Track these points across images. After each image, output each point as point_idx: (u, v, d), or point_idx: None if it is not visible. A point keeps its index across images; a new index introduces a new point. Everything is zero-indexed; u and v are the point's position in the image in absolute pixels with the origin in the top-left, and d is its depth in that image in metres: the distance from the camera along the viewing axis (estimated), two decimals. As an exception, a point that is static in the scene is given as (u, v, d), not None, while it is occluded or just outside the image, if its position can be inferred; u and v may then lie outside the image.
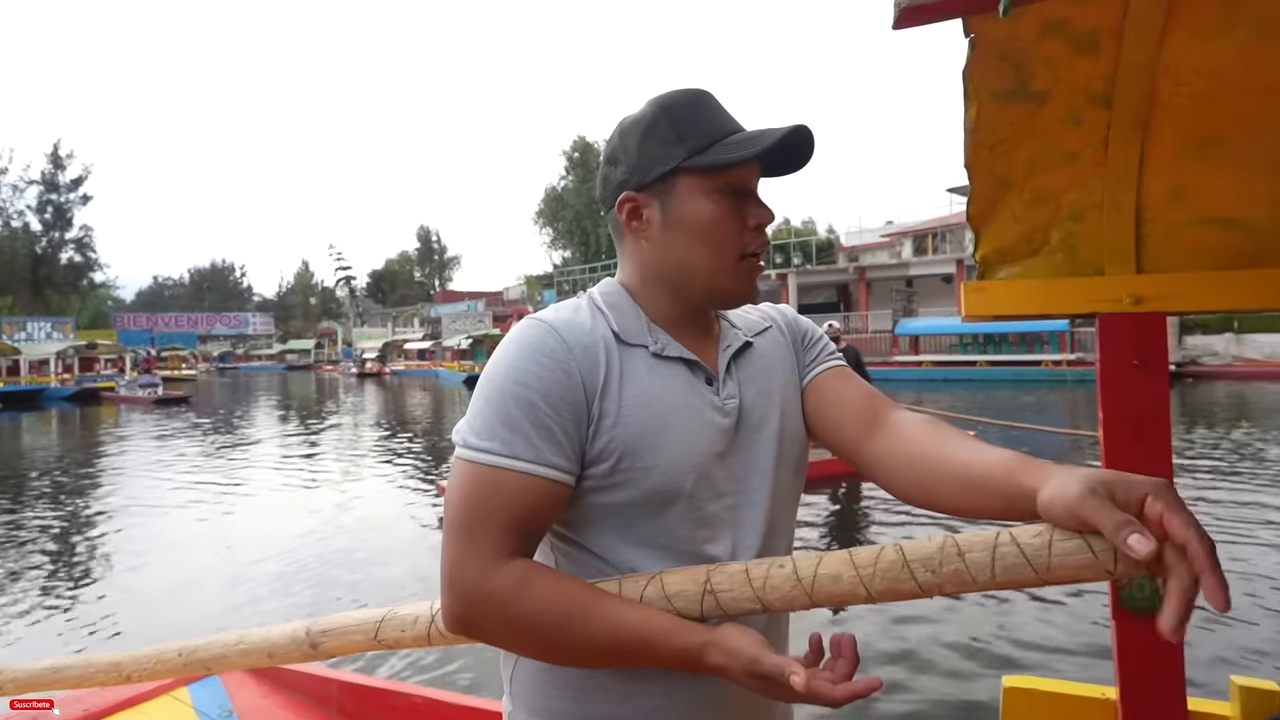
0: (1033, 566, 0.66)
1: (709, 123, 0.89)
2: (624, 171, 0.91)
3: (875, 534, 6.49)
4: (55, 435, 17.85)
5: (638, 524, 0.86)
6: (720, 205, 0.89)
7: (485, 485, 0.81)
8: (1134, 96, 1.14)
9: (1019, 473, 0.72)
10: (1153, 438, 1.29)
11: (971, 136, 1.20)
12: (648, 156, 0.89)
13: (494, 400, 0.83)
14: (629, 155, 0.91)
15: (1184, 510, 0.60)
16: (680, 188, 0.89)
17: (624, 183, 0.91)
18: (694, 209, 0.89)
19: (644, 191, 0.90)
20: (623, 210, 0.91)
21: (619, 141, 0.92)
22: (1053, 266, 1.35)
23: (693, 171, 0.88)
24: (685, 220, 0.89)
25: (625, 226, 0.92)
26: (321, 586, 5.65)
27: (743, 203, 0.90)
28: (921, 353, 27.61)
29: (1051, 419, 15.00)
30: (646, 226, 0.91)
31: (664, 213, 0.90)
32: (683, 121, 0.89)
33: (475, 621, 0.80)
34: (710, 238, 0.89)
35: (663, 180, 0.89)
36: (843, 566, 0.74)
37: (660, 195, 0.89)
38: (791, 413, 0.98)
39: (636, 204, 0.90)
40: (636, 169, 0.90)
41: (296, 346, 74.39)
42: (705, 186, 0.88)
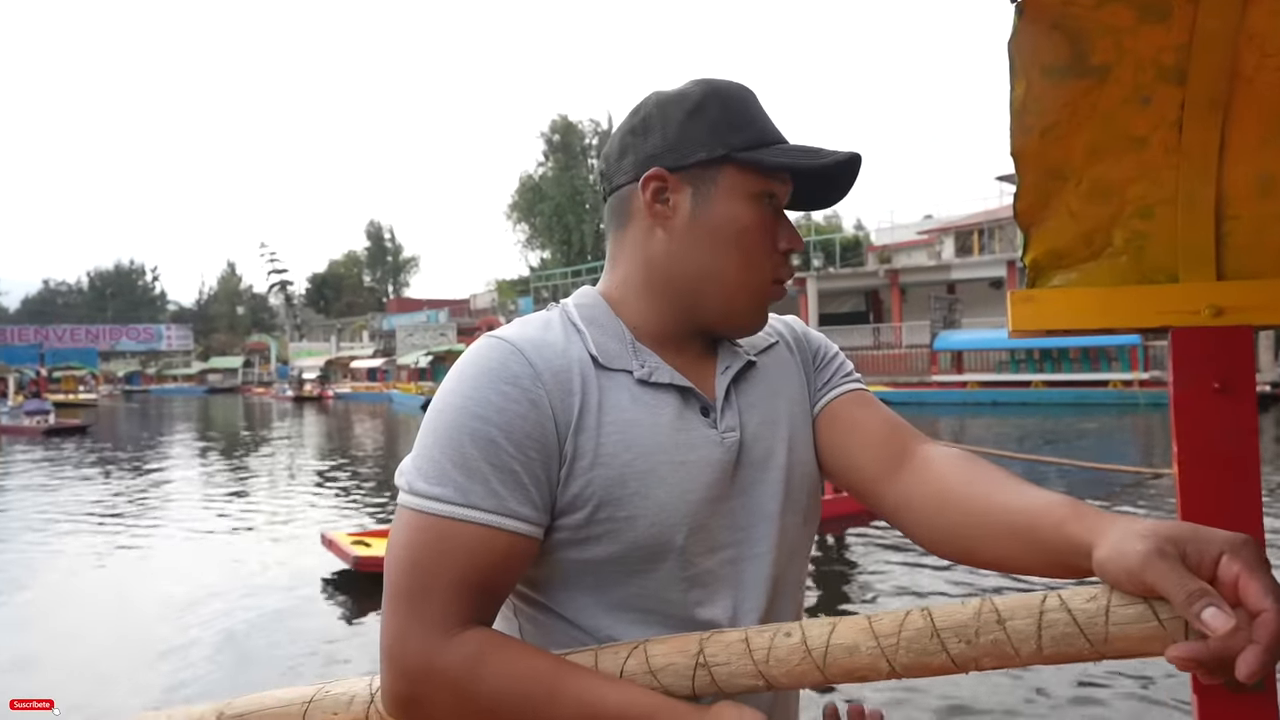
0: (1087, 637, 0.66)
1: (761, 122, 0.92)
2: (658, 144, 0.91)
3: (882, 582, 6.48)
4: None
5: (618, 584, 0.86)
6: (760, 213, 0.91)
7: (434, 540, 0.79)
8: (1212, 70, 1.15)
9: (1070, 522, 0.72)
10: (1238, 475, 1.29)
11: (1019, 119, 1.20)
12: (691, 136, 0.90)
13: (446, 437, 0.82)
14: (668, 128, 0.91)
15: (1266, 573, 0.60)
16: (723, 180, 0.90)
17: (654, 157, 0.91)
18: (732, 210, 0.90)
19: (678, 173, 0.90)
20: (647, 188, 0.91)
21: (655, 111, 0.93)
22: (1116, 272, 1.35)
23: (742, 166, 0.90)
24: (719, 220, 0.90)
25: (646, 208, 0.92)
26: (239, 656, 5.60)
27: (777, 220, 0.93)
28: (965, 371, 27.76)
29: (1120, 451, 15.06)
30: (671, 214, 0.91)
31: (696, 203, 0.90)
32: (737, 111, 0.91)
33: (421, 704, 0.79)
34: (742, 248, 0.90)
35: (704, 167, 0.90)
36: (860, 635, 0.73)
37: (696, 183, 0.90)
38: (801, 446, 0.98)
39: (665, 185, 0.91)
40: (676, 146, 0.90)
41: (220, 365, 74.20)
42: (750, 188, 0.90)
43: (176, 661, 5.49)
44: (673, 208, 0.91)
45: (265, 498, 12.32)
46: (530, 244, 59.20)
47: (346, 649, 5.72)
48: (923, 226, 39.93)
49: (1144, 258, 1.34)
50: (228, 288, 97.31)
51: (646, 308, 0.93)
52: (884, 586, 6.64)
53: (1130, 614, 0.64)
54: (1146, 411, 20.19)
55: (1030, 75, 1.16)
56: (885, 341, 31.62)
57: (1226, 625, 0.58)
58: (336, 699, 0.94)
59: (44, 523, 10.55)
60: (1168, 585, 0.61)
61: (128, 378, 73.20)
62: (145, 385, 72.41)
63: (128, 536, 9.57)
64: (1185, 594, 0.60)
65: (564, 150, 56.71)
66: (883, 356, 30.41)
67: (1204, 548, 0.62)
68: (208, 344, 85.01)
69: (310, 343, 70.03)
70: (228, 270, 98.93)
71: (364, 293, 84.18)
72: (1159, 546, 0.62)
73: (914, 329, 30.43)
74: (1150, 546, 0.62)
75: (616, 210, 0.95)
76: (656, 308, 0.93)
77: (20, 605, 7.02)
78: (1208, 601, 0.59)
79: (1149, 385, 22.55)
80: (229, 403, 49.33)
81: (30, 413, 27.83)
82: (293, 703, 0.95)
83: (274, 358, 68.54)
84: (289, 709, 0.95)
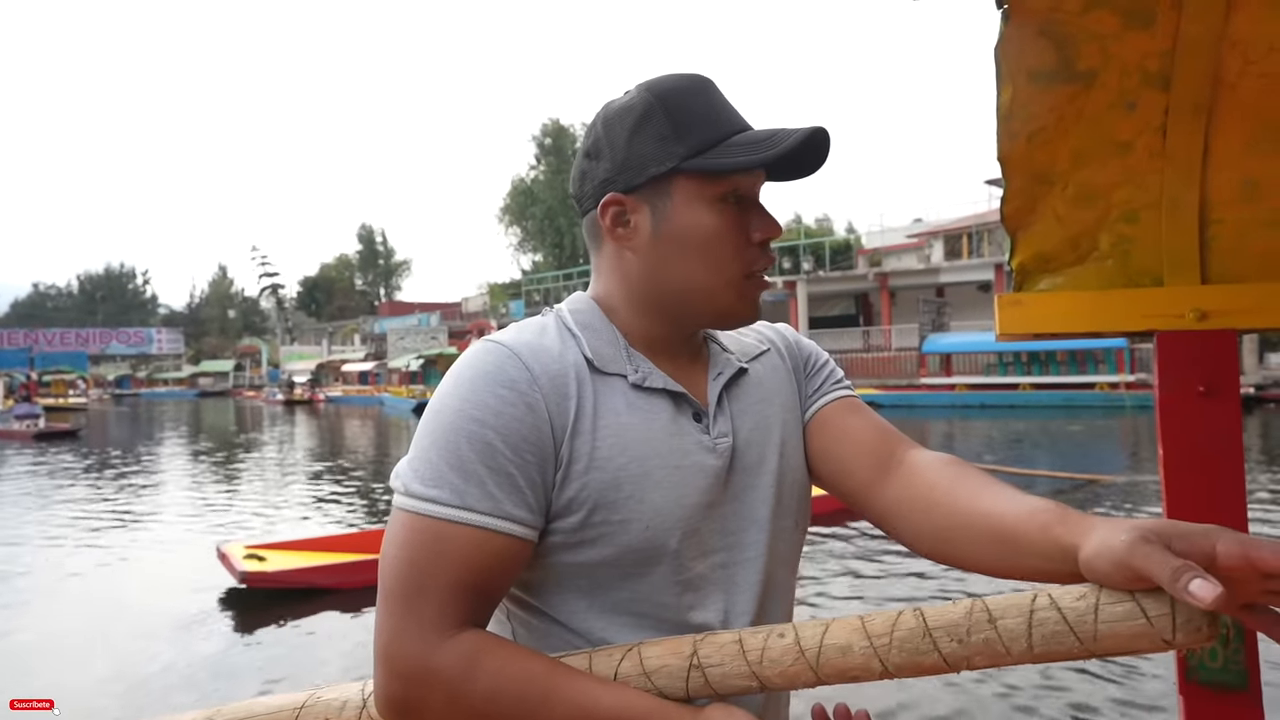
0: (1076, 635, 0.66)
1: (713, 118, 0.89)
2: (609, 169, 0.90)
3: (873, 580, 6.48)
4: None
5: (612, 588, 0.86)
6: (723, 216, 0.89)
7: (429, 542, 0.79)
8: (1196, 76, 1.16)
9: (1055, 526, 0.73)
10: (1222, 477, 1.30)
11: (1006, 125, 1.21)
12: (639, 153, 0.88)
13: (442, 439, 0.82)
14: (615, 150, 0.90)
15: (1267, 541, 0.62)
16: (677, 193, 0.88)
17: (608, 182, 0.90)
18: (692, 219, 0.88)
19: (633, 194, 0.89)
20: (606, 214, 0.90)
21: (603, 132, 0.91)
22: (1102, 276, 1.36)
23: (694, 175, 0.88)
24: (681, 231, 0.89)
25: (608, 234, 0.91)
26: (229, 664, 5.55)
27: (747, 213, 0.90)
28: (954, 374, 27.84)
29: (1107, 451, 15.14)
30: (633, 235, 0.90)
31: (655, 220, 0.89)
32: (683, 114, 0.88)
33: (414, 706, 0.78)
34: (710, 253, 0.89)
35: (656, 182, 0.88)
36: (853, 635, 0.74)
37: (652, 200, 0.89)
38: (793, 452, 0.98)
39: (623, 208, 0.90)
40: (625, 167, 0.89)
41: (211, 369, 73.92)
42: (707, 193, 0.88)
43: (171, 666, 5.45)
44: (634, 229, 0.90)
45: (255, 503, 12.24)
46: (522, 247, 59.29)
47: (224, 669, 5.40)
48: (912, 230, 40.00)
49: (1129, 262, 1.35)
50: (219, 291, 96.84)
51: (636, 317, 0.93)
52: (876, 588, 6.65)
53: (1119, 611, 0.65)
54: (1133, 414, 20.28)
55: (1017, 81, 1.16)
56: (875, 344, 31.69)
57: (1213, 593, 0.59)
58: (328, 704, 0.93)
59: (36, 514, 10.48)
60: (1152, 566, 0.62)
61: (118, 381, 72.82)
62: (136, 389, 72.05)
63: (117, 542, 9.49)
64: (1170, 570, 0.61)
65: (556, 154, 56.71)
66: (872, 359, 30.48)
67: (1191, 540, 0.64)
68: (199, 347, 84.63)
69: (301, 346, 69.82)
70: (219, 273, 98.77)
71: (355, 296, 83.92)
72: (1143, 535, 0.64)
73: (903, 332, 30.52)
74: (1135, 536, 0.64)
75: (589, 231, 0.95)
76: (643, 317, 0.93)
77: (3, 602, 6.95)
78: (1193, 574, 0.60)
79: (1135, 388, 22.66)
80: (220, 406, 49.08)
81: (20, 416, 27.63)
82: (283, 709, 0.95)
83: (265, 361, 68.25)
84: (279, 715, 0.94)
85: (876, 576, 6.92)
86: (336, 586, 6.72)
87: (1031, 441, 17.02)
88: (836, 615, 0.78)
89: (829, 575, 6.98)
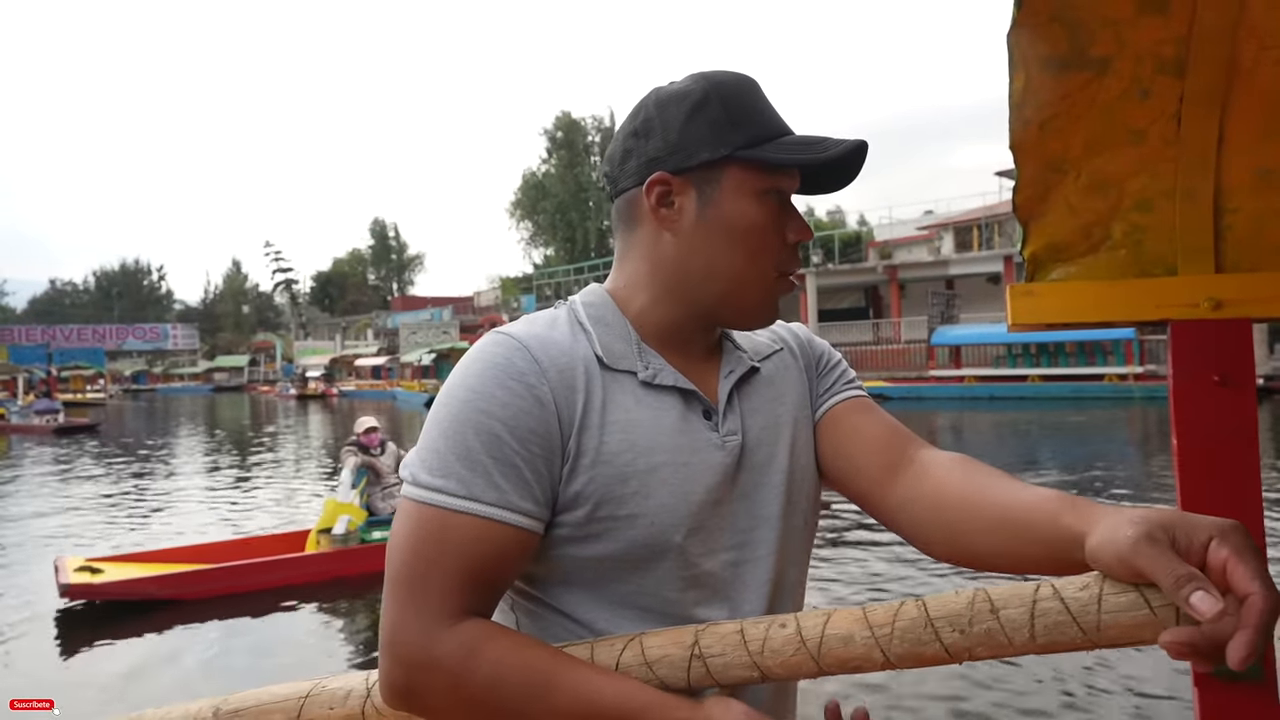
0: (1079, 625, 0.65)
1: (765, 115, 0.90)
2: (659, 148, 0.90)
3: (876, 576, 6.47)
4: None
5: (617, 582, 0.86)
6: (767, 210, 0.90)
7: (435, 531, 0.80)
8: (1211, 63, 1.14)
9: (1064, 514, 0.72)
10: (1237, 467, 1.28)
11: (1018, 112, 1.19)
12: (693, 136, 0.89)
13: (450, 430, 0.82)
14: (669, 130, 0.90)
15: (1254, 557, 0.59)
16: (727, 180, 0.89)
17: (657, 160, 0.90)
18: (739, 208, 0.89)
19: (681, 176, 0.90)
20: (651, 192, 0.90)
21: (655, 112, 0.92)
22: (1115, 265, 1.34)
23: (745, 165, 0.89)
24: (726, 219, 0.89)
25: (651, 212, 0.91)
26: (237, 653, 5.59)
27: (785, 213, 0.91)
28: (963, 366, 27.72)
29: (1116, 443, 15.07)
30: (677, 217, 0.91)
31: (701, 205, 0.90)
32: (738, 107, 0.89)
33: (418, 693, 0.79)
34: (751, 244, 0.89)
35: (708, 167, 0.89)
36: (855, 626, 0.73)
37: (701, 184, 0.90)
38: (803, 452, 0.98)
39: (669, 188, 0.90)
40: (678, 148, 0.89)
41: (226, 364, 74.26)
42: (756, 185, 0.89)
43: (181, 654, 5.48)
44: (678, 210, 0.90)
45: (270, 498, 12.31)
46: (534, 241, 59.21)
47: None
48: (923, 222, 39.81)
49: (1143, 251, 1.33)
50: (233, 286, 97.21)
51: (653, 306, 0.93)
52: (877, 580, 6.64)
53: (1122, 602, 0.64)
54: (1142, 405, 20.20)
55: (1029, 68, 1.14)
56: (884, 337, 31.61)
57: (1214, 609, 0.57)
58: (333, 694, 0.93)
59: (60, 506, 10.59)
60: (1156, 570, 0.61)
61: (134, 376, 73.27)
62: (152, 384, 72.49)
63: (139, 534, 9.56)
64: (1173, 578, 0.59)
65: (567, 147, 56.60)
66: (881, 352, 30.40)
67: (1192, 533, 0.62)
68: (213, 343, 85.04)
69: (315, 341, 70.09)
70: (233, 269, 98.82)
71: (368, 291, 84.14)
72: (1149, 532, 0.62)
73: (912, 324, 30.41)
74: (1140, 532, 0.62)
75: (623, 213, 0.95)
76: (664, 306, 0.93)
77: (31, 593, 6.99)
78: (1195, 586, 0.59)
79: (1144, 379, 22.55)
80: (235, 401, 49.35)
81: (40, 412, 27.91)
82: (289, 698, 0.95)
83: (280, 356, 68.59)
84: (285, 704, 0.95)
85: (874, 566, 6.91)
86: (175, 598, 6.35)
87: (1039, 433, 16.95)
88: (838, 606, 0.77)
89: (831, 565, 6.97)
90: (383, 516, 7.62)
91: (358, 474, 7.64)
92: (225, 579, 6.64)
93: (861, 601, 0.77)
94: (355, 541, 7.25)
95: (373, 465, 7.79)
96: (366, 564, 7.02)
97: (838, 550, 7.44)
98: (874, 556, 7.19)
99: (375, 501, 7.74)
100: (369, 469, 7.76)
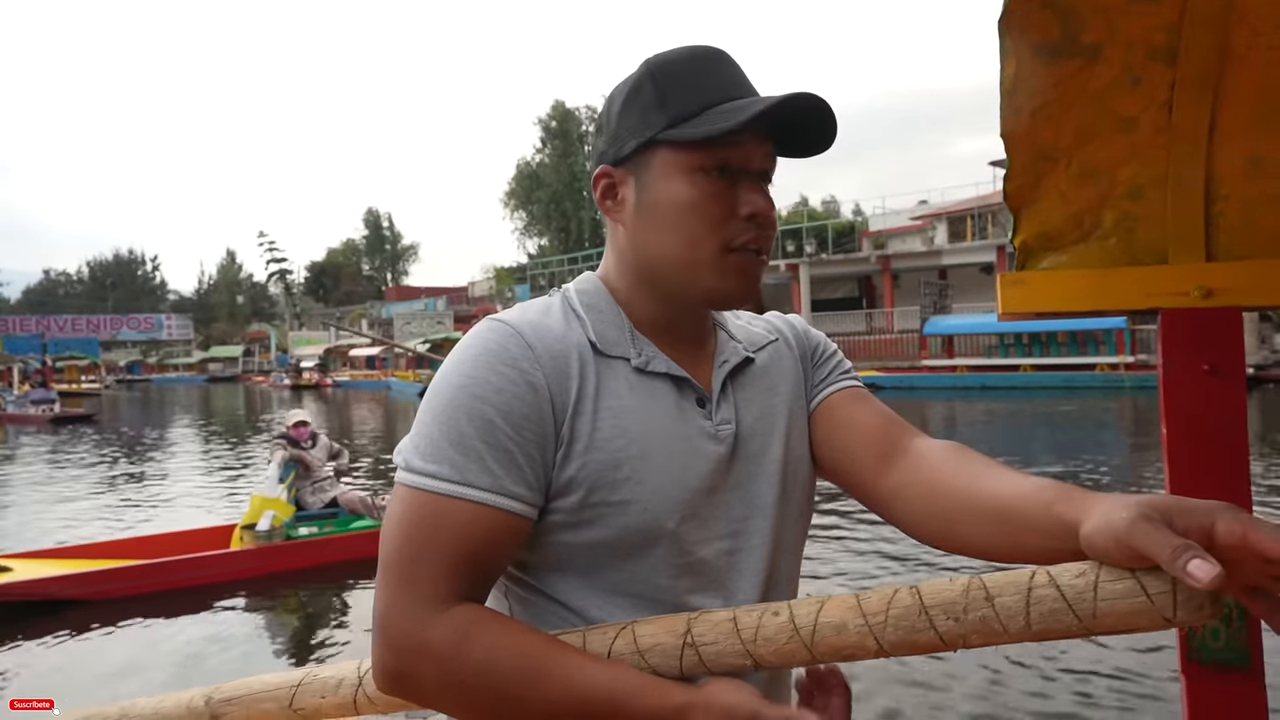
0: (1075, 613, 0.65)
1: (700, 86, 0.86)
2: (605, 141, 0.92)
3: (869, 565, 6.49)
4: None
5: (610, 569, 0.85)
6: (699, 188, 0.86)
7: (428, 517, 0.79)
8: (1202, 50, 1.13)
9: (1059, 503, 0.72)
10: (1226, 456, 1.28)
11: (1009, 100, 1.18)
12: (625, 125, 0.89)
13: (443, 416, 0.82)
14: (609, 123, 0.91)
15: (1268, 524, 0.60)
16: (657, 164, 0.87)
17: (602, 154, 0.92)
18: (668, 190, 0.87)
19: (621, 166, 0.89)
20: (597, 187, 0.91)
21: (605, 107, 0.93)
22: (1106, 254, 1.34)
23: (670, 145, 0.86)
24: (658, 203, 0.88)
25: (600, 207, 0.93)
26: (230, 640, 5.59)
27: (735, 187, 0.87)
28: (955, 355, 27.76)
29: (1106, 432, 15.12)
30: (621, 208, 0.91)
31: (638, 192, 0.89)
32: (670, 85, 0.87)
33: (409, 678, 0.78)
34: (682, 226, 0.87)
35: (639, 154, 0.88)
36: (848, 614, 0.73)
37: (637, 172, 0.89)
38: (798, 442, 0.97)
39: (613, 180, 0.91)
40: (614, 139, 0.90)
41: (221, 354, 74.06)
42: (683, 164, 0.86)
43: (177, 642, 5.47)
44: (621, 201, 0.91)
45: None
46: (528, 231, 59.11)
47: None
48: (917, 212, 39.75)
49: (1134, 239, 1.33)
50: (227, 277, 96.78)
51: (634, 296, 0.93)
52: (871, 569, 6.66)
53: (1118, 589, 0.64)
54: (1133, 394, 20.26)
55: (1021, 55, 1.14)
56: (878, 327, 31.62)
57: (1212, 573, 0.57)
58: (324, 682, 0.93)
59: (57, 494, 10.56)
60: (1152, 544, 0.61)
61: (129, 367, 72.99)
62: (146, 375, 72.23)
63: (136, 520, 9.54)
64: (1170, 549, 0.60)
65: (561, 137, 56.45)
66: (874, 341, 30.43)
67: (1192, 517, 0.62)
68: (208, 333, 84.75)
69: (309, 331, 69.87)
70: (227, 259, 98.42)
71: (363, 281, 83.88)
72: (1144, 513, 0.62)
73: (905, 314, 30.42)
74: (1136, 513, 0.62)
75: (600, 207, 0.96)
76: (640, 295, 0.93)
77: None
78: (1192, 554, 0.59)
79: (1135, 368, 22.62)
80: (229, 391, 49.22)
81: (36, 402, 27.86)
82: (280, 686, 0.95)
83: (274, 346, 68.37)
84: (277, 692, 0.95)
85: (870, 553, 6.93)
86: (86, 598, 6.10)
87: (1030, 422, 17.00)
88: (832, 593, 0.76)
89: (826, 553, 6.99)
90: (312, 512, 7.44)
91: (286, 468, 7.41)
92: (141, 577, 6.34)
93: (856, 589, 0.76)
94: (280, 538, 7.02)
95: (302, 459, 7.56)
96: (292, 560, 6.85)
97: (832, 539, 7.45)
98: (867, 546, 7.21)
99: (304, 496, 7.54)
100: (298, 463, 7.54)
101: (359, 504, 7.51)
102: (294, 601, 6.51)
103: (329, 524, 7.43)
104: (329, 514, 7.53)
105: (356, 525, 7.41)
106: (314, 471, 7.63)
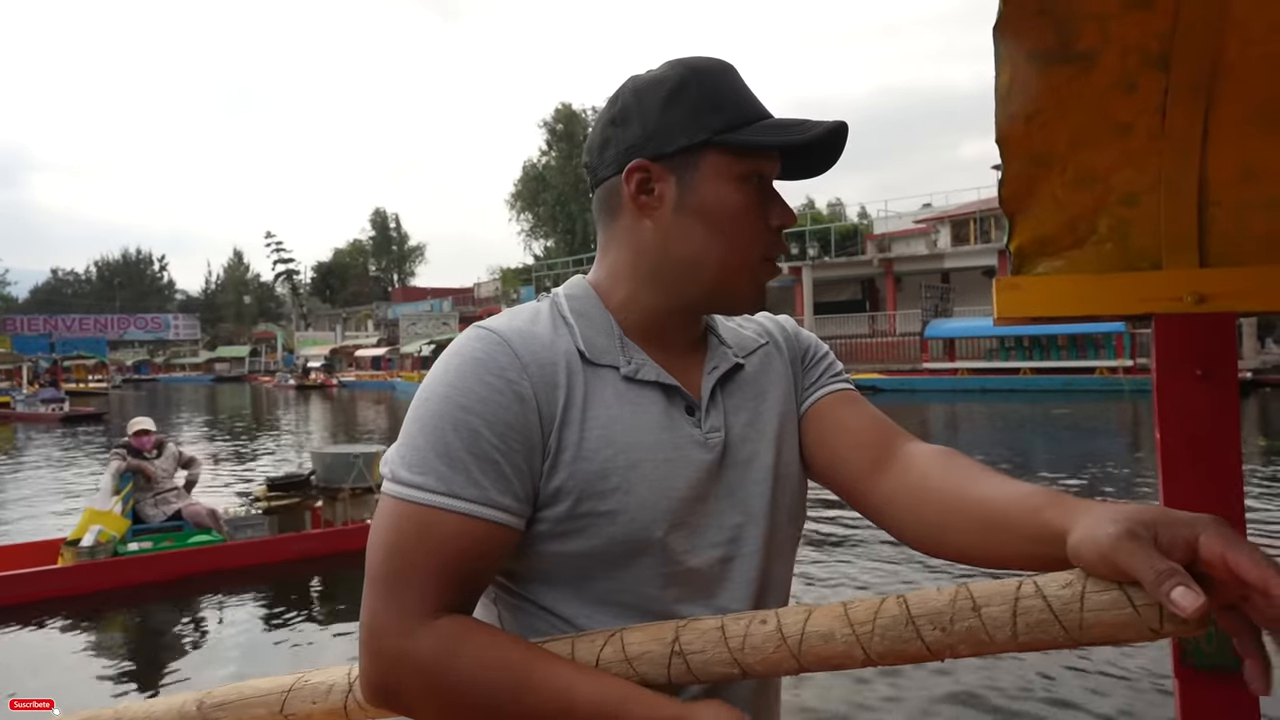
0: (1061, 624, 0.64)
1: (742, 99, 0.89)
2: (637, 135, 0.88)
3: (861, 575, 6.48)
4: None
5: (598, 578, 0.84)
6: (747, 195, 0.88)
7: (414, 528, 0.78)
8: (1196, 57, 1.13)
9: (1047, 510, 0.71)
10: (1219, 459, 1.28)
11: (1004, 106, 1.18)
12: (671, 122, 0.87)
13: (429, 426, 0.81)
14: (646, 117, 0.88)
15: (1249, 546, 0.58)
16: (706, 166, 0.87)
17: (635, 148, 0.89)
18: (717, 194, 0.87)
19: (660, 162, 0.88)
20: (630, 180, 0.89)
21: (633, 100, 0.90)
22: (1100, 259, 1.34)
23: (723, 150, 0.87)
24: (705, 205, 0.88)
25: (631, 200, 0.90)
26: (228, 645, 5.57)
27: (767, 198, 0.90)
28: (956, 358, 27.73)
29: (1104, 435, 15.09)
30: (657, 204, 0.89)
31: (681, 192, 0.88)
32: (715, 92, 0.88)
33: (396, 690, 0.78)
34: (732, 229, 0.88)
35: (686, 153, 0.87)
36: (836, 623, 0.72)
37: (680, 171, 0.88)
38: (788, 448, 0.96)
39: (649, 175, 0.89)
40: (655, 135, 0.88)
41: (227, 354, 74.23)
42: (735, 170, 0.87)
43: (177, 645, 5.46)
44: (658, 197, 0.89)
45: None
46: (534, 233, 59.03)
47: None
48: (921, 215, 39.67)
49: (1128, 245, 1.32)
50: (234, 277, 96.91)
51: (636, 296, 0.91)
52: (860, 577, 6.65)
53: (1105, 600, 0.63)
54: (1132, 397, 20.21)
55: (1016, 61, 1.13)
56: (880, 329, 31.59)
57: (1195, 603, 0.57)
58: (315, 688, 0.93)
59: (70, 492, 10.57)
60: (1137, 565, 0.60)
61: (136, 367, 73.17)
62: (154, 374, 72.38)
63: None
64: (1154, 574, 0.59)
65: (567, 139, 56.36)
66: (876, 344, 30.39)
67: (1175, 530, 0.61)
68: (215, 333, 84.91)
69: (316, 331, 69.98)
70: (234, 259, 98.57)
71: (369, 282, 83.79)
72: (1130, 529, 0.61)
73: (907, 317, 30.38)
74: (1122, 529, 0.61)
75: (603, 202, 0.93)
76: (647, 296, 0.91)
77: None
78: (1176, 581, 0.58)
79: (1134, 372, 22.57)
80: (236, 391, 49.28)
81: (46, 401, 27.98)
82: (271, 692, 0.95)
83: (281, 346, 68.44)
84: (268, 698, 0.94)
85: (860, 563, 6.92)
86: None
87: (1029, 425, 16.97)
88: (820, 602, 0.76)
89: (813, 562, 6.97)
90: (152, 525, 6.94)
91: (122, 479, 6.90)
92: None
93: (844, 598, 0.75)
94: (106, 554, 6.46)
95: (142, 469, 7.03)
96: (119, 577, 6.37)
97: (821, 547, 7.44)
98: (856, 554, 7.19)
99: (145, 509, 7.02)
100: (138, 473, 7.02)
101: (205, 517, 7.05)
102: (120, 620, 6.12)
103: (168, 538, 6.92)
104: (172, 527, 7.03)
105: (196, 540, 6.91)
106: (156, 482, 7.11)
